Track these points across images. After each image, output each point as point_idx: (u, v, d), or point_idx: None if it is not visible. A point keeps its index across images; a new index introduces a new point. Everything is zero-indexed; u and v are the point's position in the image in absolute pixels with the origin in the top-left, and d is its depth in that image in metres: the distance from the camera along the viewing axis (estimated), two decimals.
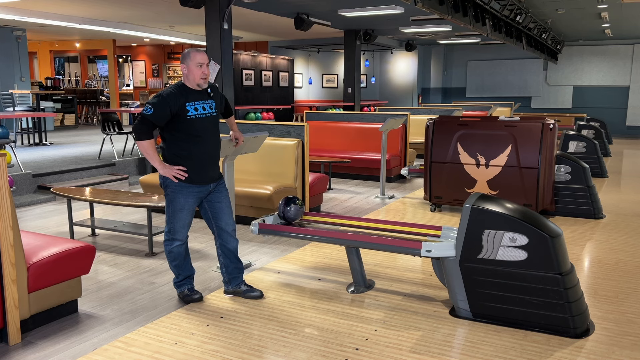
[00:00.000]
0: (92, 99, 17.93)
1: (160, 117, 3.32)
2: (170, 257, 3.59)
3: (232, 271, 3.72)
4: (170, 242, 3.56)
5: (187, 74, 3.43)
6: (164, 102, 3.32)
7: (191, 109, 3.40)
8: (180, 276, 3.66)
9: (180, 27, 14.26)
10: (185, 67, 3.42)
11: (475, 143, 5.96)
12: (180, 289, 3.69)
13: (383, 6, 10.32)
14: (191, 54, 3.41)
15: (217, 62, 8.87)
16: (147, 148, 3.36)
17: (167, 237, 3.56)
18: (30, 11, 11.37)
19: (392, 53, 19.12)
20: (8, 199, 2.92)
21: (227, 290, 3.78)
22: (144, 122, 3.32)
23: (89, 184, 7.44)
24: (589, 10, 11.01)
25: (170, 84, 3.57)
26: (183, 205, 3.48)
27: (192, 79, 3.42)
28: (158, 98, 3.34)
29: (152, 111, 3.29)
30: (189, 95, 3.41)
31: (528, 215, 3.24)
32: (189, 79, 3.43)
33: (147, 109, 3.30)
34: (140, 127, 3.32)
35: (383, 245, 3.61)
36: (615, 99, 17.27)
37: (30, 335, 3.15)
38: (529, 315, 3.20)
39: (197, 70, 3.40)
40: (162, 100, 3.32)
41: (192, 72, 3.41)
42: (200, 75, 3.41)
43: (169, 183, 3.46)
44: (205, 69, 3.43)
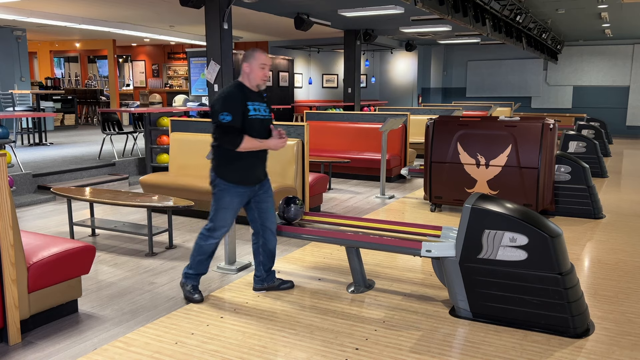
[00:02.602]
0: (92, 99, 17.93)
1: (239, 120, 3.36)
2: (199, 251, 3.59)
3: (269, 269, 3.79)
4: (206, 238, 3.56)
5: (248, 72, 3.45)
6: (236, 104, 3.36)
7: (252, 108, 3.44)
8: (193, 270, 3.65)
9: (180, 27, 14.26)
10: (249, 66, 3.44)
11: (475, 143, 5.96)
12: (186, 280, 3.67)
13: (383, 6, 10.32)
14: (256, 54, 3.45)
15: (217, 62, 8.87)
16: (250, 144, 3.39)
17: (206, 232, 3.57)
18: (30, 11, 11.37)
19: (392, 53, 19.12)
20: (8, 199, 2.92)
21: (260, 287, 3.80)
22: (229, 131, 3.35)
23: (89, 184, 7.44)
24: (589, 10, 11.01)
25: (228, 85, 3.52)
26: (228, 204, 3.51)
27: (253, 79, 3.46)
28: (227, 101, 3.35)
29: (232, 117, 3.32)
30: (249, 95, 3.45)
31: (528, 215, 3.24)
32: (250, 78, 3.46)
33: (224, 117, 3.32)
34: (230, 136, 3.35)
35: (383, 245, 3.61)
36: (615, 99, 17.27)
37: (30, 335, 3.15)
38: (529, 315, 3.20)
39: (260, 72, 3.45)
40: (233, 103, 3.35)
41: (255, 73, 3.44)
42: (262, 77, 3.46)
43: (218, 182, 3.48)
44: (267, 71, 3.48)
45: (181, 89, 19.39)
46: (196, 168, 6.23)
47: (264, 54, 3.48)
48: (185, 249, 4.87)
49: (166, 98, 19.38)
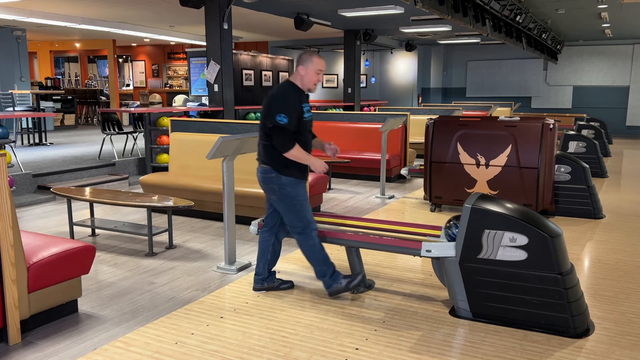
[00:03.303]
0: (92, 99, 17.93)
1: (294, 123, 3.39)
2: (316, 249, 3.58)
3: (271, 268, 3.81)
4: (308, 237, 3.57)
5: (303, 75, 3.48)
6: (294, 107, 3.39)
7: (305, 110, 3.48)
8: (328, 271, 3.61)
9: (180, 27, 14.26)
10: (305, 69, 3.47)
11: (475, 143, 5.96)
12: (335, 282, 3.61)
13: (383, 6, 10.32)
14: (314, 58, 3.48)
15: (217, 62, 8.86)
16: (298, 154, 3.43)
17: (303, 233, 3.56)
18: (30, 11, 11.37)
19: (392, 53, 19.12)
20: (8, 199, 2.92)
21: (260, 287, 3.80)
22: (284, 133, 3.37)
23: (89, 184, 7.44)
24: (589, 10, 11.01)
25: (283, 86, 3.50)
26: (304, 196, 3.57)
27: (307, 82, 3.49)
28: (286, 103, 3.37)
29: (288, 120, 3.35)
30: (302, 97, 3.49)
31: (528, 215, 3.24)
32: (303, 81, 3.50)
33: (281, 118, 3.34)
34: (282, 139, 3.38)
35: (383, 245, 3.61)
36: (615, 99, 17.27)
37: (30, 335, 3.15)
38: (529, 315, 3.20)
39: (314, 76, 3.49)
40: (292, 106, 3.38)
41: (310, 77, 3.48)
42: (315, 82, 3.51)
43: (285, 180, 3.49)
44: (321, 76, 3.53)
45: (181, 89, 19.39)
46: (196, 168, 6.23)
47: (321, 59, 3.52)
48: (185, 248, 4.87)
49: (166, 98, 19.38)
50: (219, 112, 9.10)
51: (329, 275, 3.63)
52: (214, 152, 3.87)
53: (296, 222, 3.57)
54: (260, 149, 3.59)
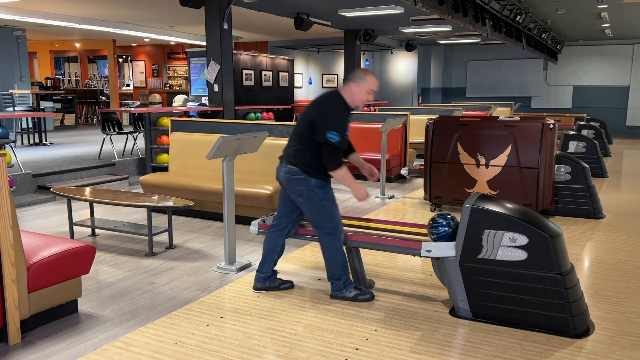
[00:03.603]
0: (92, 99, 17.93)
1: (344, 140, 3.41)
2: (340, 252, 3.58)
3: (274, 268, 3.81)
4: (336, 239, 3.55)
5: (354, 92, 3.47)
6: (344, 122, 3.41)
7: (348, 127, 3.51)
8: (344, 277, 3.61)
9: (180, 27, 14.26)
10: (357, 86, 3.46)
11: (475, 143, 5.96)
12: (345, 288, 3.62)
13: (383, 6, 10.32)
14: (368, 77, 3.47)
15: (217, 62, 8.87)
16: (345, 175, 3.44)
17: (331, 235, 3.54)
18: (30, 11, 11.38)
19: (392, 53, 19.12)
20: (8, 199, 2.92)
21: (261, 287, 3.79)
22: (335, 152, 3.37)
23: (89, 184, 7.44)
24: (589, 10, 11.01)
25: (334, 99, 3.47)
26: (333, 197, 3.58)
27: (356, 100, 3.49)
28: (338, 120, 3.36)
29: (339, 138, 3.35)
30: (349, 113, 3.50)
31: (528, 215, 3.24)
32: (354, 98, 3.48)
33: (333, 136, 3.33)
34: (333, 158, 3.38)
35: (383, 245, 3.61)
36: (615, 99, 17.27)
37: (30, 335, 3.15)
38: (529, 315, 3.20)
39: (365, 96, 3.49)
40: (342, 123, 3.39)
41: (361, 95, 3.48)
42: (364, 101, 3.52)
43: (315, 184, 3.48)
44: (371, 96, 3.53)
45: (181, 89, 19.39)
46: (196, 168, 6.23)
47: (375, 79, 3.52)
48: (185, 248, 4.87)
49: (166, 98, 19.38)
50: (219, 112, 9.10)
51: (344, 281, 3.63)
52: (214, 152, 3.87)
53: (326, 223, 3.55)
54: (291, 150, 3.54)
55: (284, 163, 3.57)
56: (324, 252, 3.62)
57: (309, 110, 3.47)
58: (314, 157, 3.46)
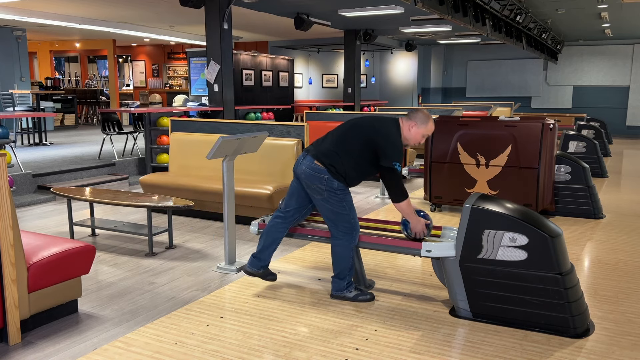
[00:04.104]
0: (92, 99, 17.93)
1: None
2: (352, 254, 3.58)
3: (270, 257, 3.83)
4: (352, 240, 3.55)
5: (412, 132, 3.53)
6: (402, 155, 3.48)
7: None
8: (350, 275, 3.64)
9: (180, 27, 14.26)
10: (417, 128, 3.52)
11: (475, 143, 5.96)
12: (347, 289, 3.64)
13: (383, 6, 10.32)
14: (430, 124, 3.54)
15: (217, 62, 8.87)
16: (408, 209, 3.48)
17: (350, 233, 3.54)
18: (30, 11, 11.38)
19: (392, 53, 19.12)
20: (8, 199, 2.92)
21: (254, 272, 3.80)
22: (400, 183, 3.43)
23: (89, 184, 7.45)
24: (589, 10, 11.01)
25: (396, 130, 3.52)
26: (352, 200, 3.59)
27: (411, 139, 3.55)
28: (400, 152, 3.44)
29: (401, 168, 3.43)
30: None
31: (528, 215, 3.24)
32: (409, 136, 3.54)
33: (398, 166, 3.39)
34: (399, 190, 3.43)
35: (383, 245, 3.61)
36: (615, 99, 17.27)
37: (30, 335, 3.15)
38: (529, 315, 3.20)
39: (420, 138, 3.57)
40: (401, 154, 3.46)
41: (415, 137, 3.55)
42: (416, 143, 3.58)
43: (337, 187, 3.48)
44: (423, 140, 3.58)
45: (181, 89, 19.39)
46: (196, 168, 6.23)
47: (434, 126, 3.59)
48: (185, 248, 4.87)
49: (166, 98, 19.38)
50: (219, 112, 9.10)
51: (347, 282, 3.64)
52: (214, 152, 3.87)
53: (344, 223, 3.54)
54: (326, 150, 3.53)
55: (311, 157, 3.54)
56: (337, 250, 3.59)
57: (367, 130, 3.48)
58: (349, 170, 3.48)
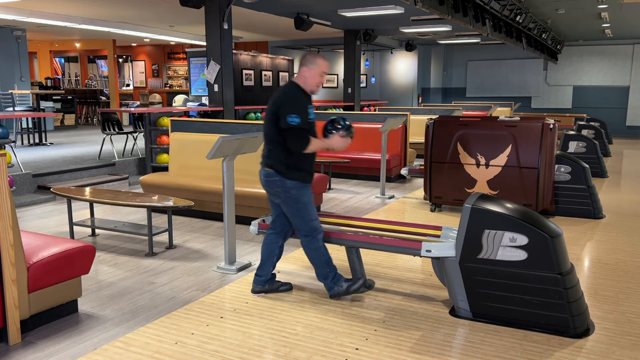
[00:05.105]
0: (92, 99, 17.93)
1: (305, 122, 3.38)
2: (321, 252, 3.57)
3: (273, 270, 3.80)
4: (315, 240, 3.55)
5: (307, 77, 3.48)
6: (303, 105, 3.39)
7: (310, 111, 3.49)
8: (331, 273, 3.61)
9: (180, 27, 14.26)
10: (309, 70, 3.47)
11: (475, 143, 5.96)
12: (336, 284, 3.61)
13: (383, 6, 10.32)
14: (318, 60, 3.48)
15: (217, 62, 8.87)
16: (316, 145, 3.45)
17: (310, 237, 3.54)
18: (30, 11, 11.37)
19: (392, 53, 19.12)
20: (8, 199, 2.92)
21: (260, 289, 3.77)
22: (299, 133, 3.37)
23: (89, 184, 7.44)
24: (589, 10, 11.01)
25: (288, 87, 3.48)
26: (309, 199, 3.55)
27: (310, 84, 3.49)
28: (295, 103, 3.36)
29: (300, 119, 3.34)
30: (307, 98, 3.49)
31: (528, 215, 3.24)
32: (307, 83, 3.49)
33: (293, 119, 3.33)
34: (299, 140, 3.38)
35: (383, 245, 3.61)
36: (615, 99, 17.27)
37: (30, 335, 3.15)
38: (529, 315, 3.20)
39: (318, 78, 3.49)
40: (300, 104, 3.38)
41: (314, 78, 3.48)
42: (318, 84, 3.52)
43: (290, 184, 3.47)
44: (324, 78, 3.54)
45: (181, 89, 19.39)
46: (196, 168, 6.23)
47: (326, 61, 3.52)
48: (185, 248, 4.87)
49: (166, 98, 19.38)
50: (219, 112, 9.10)
51: (331, 278, 3.63)
52: (214, 152, 3.87)
53: (302, 226, 3.56)
54: (265, 152, 3.57)
55: (262, 166, 3.60)
56: (306, 253, 3.62)
57: (270, 107, 3.49)
58: (286, 154, 3.46)
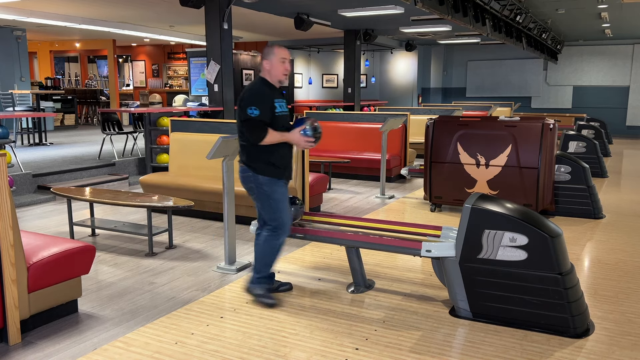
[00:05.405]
0: (92, 99, 17.92)
1: (267, 115, 3.35)
2: (273, 251, 3.54)
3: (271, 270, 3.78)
4: (277, 237, 3.52)
5: (269, 69, 3.46)
6: (264, 98, 3.36)
7: (277, 105, 3.45)
8: (262, 273, 3.59)
9: (180, 27, 14.25)
10: (269, 62, 3.45)
11: (475, 143, 5.96)
12: (258, 285, 3.59)
13: (383, 6, 10.32)
14: (275, 49, 3.45)
15: (217, 62, 8.86)
16: (273, 137, 3.38)
17: (273, 232, 3.52)
18: (30, 11, 11.37)
19: (392, 53, 19.12)
20: (8, 199, 2.92)
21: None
22: (256, 125, 3.33)
23: (89, 184, 7.44)
24: (589, 10, 11.01)
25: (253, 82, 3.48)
26: (281, 195, 3.51)
27: (275, 75, 3.46)
28: (256, 96, 3.35)
29: (259, 111, 3.32)
30: (274, 92, 3.46)
31: (528, 215, 3.24)
32: (271, 74, 3.47)
33: (252, 111, 3.31)
34: (255, 131, 3.34)
35: (383, 245, 3.61)
36: (615, 99, 17.26)
37: (30, 335, 3.15)
38: (529, 315, 3.20)
39: (280, 66, 3.46)
40: (262, 97, 3.35)
41: (276, 68, 3.45)
42: (283, 71, 3.47)
43: (261, 179, 3.45)
44: (287, 64, 3.48)
45: (181, 89, 19.38)
46: (196, 168, 6.23)
47: (282, 47, 3.49)
48: (185, 248, 4.87)
49: (166, 98, 19.38)
50: (219, 112, 9.10)
51: (261, 276, 3.59)
52: (214, 152, 3.87)
53: (271, 220, 3.54)
54: (240, 149, 3.57)
55: (239, 164, 3.60)
56: (260, 244, 3.57)
57: (237, 104, 3.47)
58: (256, 149, 3.45)
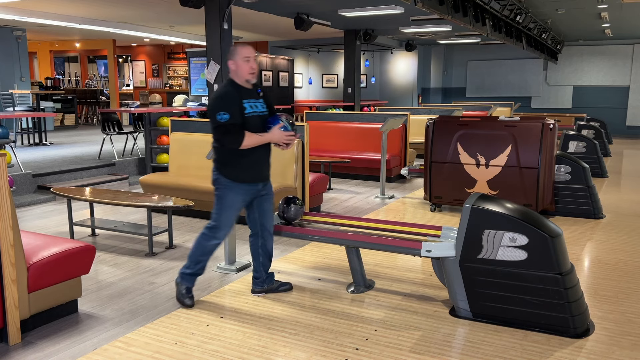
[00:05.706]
0: (92, 99, 17.92)
1: (237, 117, 3.31)
2: (201, 251, 3.51)
3: (268, 270, 3.77)
4: (208, 238, 3.50)
5: (235, 69, 3.43)
6: (232, 100, 3.33)
7: (247, 106, 3.41)
8: (190, 269, 3.55)
9: (180, 27, 14.25)
10: (234, 62, 3.42)
11: (475, 143, 5.96)
12: (182, 280, 3.56)
13: (383, 6, 10.31)
14: (238, 48, 3.42)
15: (217, 62, 8.87)
16: (251, 140, 3.35)
17: (208, 232, 3.50)
18: (30, 11, 11.37)
19: (392, 53, 19.12)
20: (8, 199, 2.92)
21: (259, 290, 3.76)
22: (230, 129, 3.29)
23: (89, 184, 7.44)
24: (589, 10, 11.01)
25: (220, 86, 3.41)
26: (232, 203, 3.47)
27: (241, 74, 3.42)
28: (222, 100, 3.32)
29: (229, 116, 3.28)
30: (242, 93, 3.42)
31: (528, 215, 3.24)
32: (238, 74, 3.43)
33: (221, 117, 3.27)
34: (231, 136, 3.30)
35: (383, 245, 3.61)
36: (615, 99, 17.26)
37: (30, 335, 3.15)
38: (529, 315, 3.20)
39: (245, 65, 3.40)
40: (229, 101, 3.32)
41: (241, 67, 3.41)
42: (249, 70, 3.42)
43: (221, 180, 3.44)
44: (253, 63, 3.42)
45: (181, 89, 19.39)
46: (196, 168, 6.23)
47: (245, 46, 3.44)
48: (185, 248, 4.87)
49: (166, 98, 19.38)
50: None
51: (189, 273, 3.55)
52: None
53: (212, 220, 3.51)
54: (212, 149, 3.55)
55: None
56: (198, 238, 3.54)
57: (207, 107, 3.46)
58: (221, 151, 3.43)
